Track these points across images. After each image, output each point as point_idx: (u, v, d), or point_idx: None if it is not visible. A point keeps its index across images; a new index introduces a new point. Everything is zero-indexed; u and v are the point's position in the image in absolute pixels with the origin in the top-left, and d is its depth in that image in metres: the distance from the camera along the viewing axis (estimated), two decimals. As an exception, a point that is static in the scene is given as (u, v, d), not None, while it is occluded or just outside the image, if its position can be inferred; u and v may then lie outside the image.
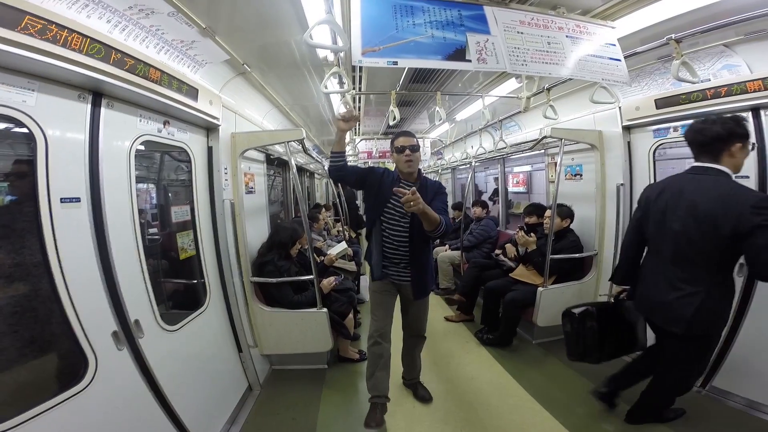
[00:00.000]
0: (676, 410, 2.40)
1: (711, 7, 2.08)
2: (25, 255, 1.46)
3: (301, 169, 6.52)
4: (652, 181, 3.16)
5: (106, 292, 1.69)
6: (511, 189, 7.94)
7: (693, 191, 1.85)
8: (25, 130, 1.41)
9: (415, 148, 2.35)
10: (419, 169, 2.46)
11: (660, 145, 3.12)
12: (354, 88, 3.74)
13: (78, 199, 1.59)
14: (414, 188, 1.84)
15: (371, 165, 7.32)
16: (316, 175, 8.75)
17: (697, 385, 2.65)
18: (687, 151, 2.01)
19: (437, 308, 4.72)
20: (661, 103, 2.88)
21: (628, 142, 3.28)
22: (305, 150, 3.44)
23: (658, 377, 2.23)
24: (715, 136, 1.81)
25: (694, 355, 2.04)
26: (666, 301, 1.93)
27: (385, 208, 2.39)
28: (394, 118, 2.97)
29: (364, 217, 2.60)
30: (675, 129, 2.99)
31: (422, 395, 2.81)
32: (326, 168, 2.51)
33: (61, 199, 1.51)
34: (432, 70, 3.51)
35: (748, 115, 2.43)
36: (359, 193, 7.87)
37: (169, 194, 2.67)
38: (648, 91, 3.05)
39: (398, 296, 2.59)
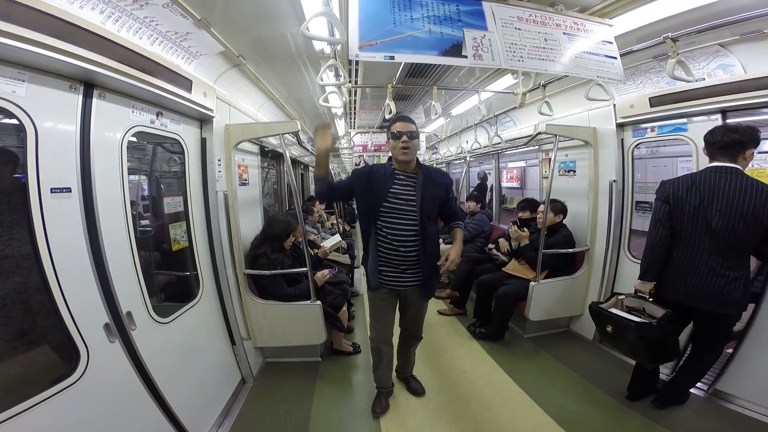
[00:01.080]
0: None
1: (707, 8, 2.10)
2: (14, 246, 1.44)
3: (295, 162, 6.49)
4: (630, 177, 3.31)
5: (97, 284, 1.68)
6: (505, 184, 7.98)
7: (729, 188, 2.09)
8: (15, 120, 1.39)
9: (414, 135, 2.17)
10: (417, 158, 2.28)
11: (639, 143, 3.21)
12: (350, 81, 3.72)
13: (69, 190, 1.57)
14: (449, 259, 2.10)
15: (364, 161, 7.32)
16: (310, 168, 8.72)
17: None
18: (668, 150, 2.11)
19: (430, 302, 4.73)
20: (655, 101, 2.90)
21: (622, 140, 3.31)
22: (300, 142, 3.42)
23: (701, 357, 2.38)
24: (737, 141, 2.07)
25: (731, 330, 2.31)
26: (714, 288, 2.13)
27: (383, 207, 2.19)
28: (390, 112, 2.96)
29: (359, 224, 2.40)
30: (652, 129, 3.11)
31: (415, 388, 2.82)
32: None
33: (51, 189, 1.49)
34: (429, 65, 3.50)
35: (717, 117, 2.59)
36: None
37: (162, 185, 2.65)
38: (643, 89, 3.06)
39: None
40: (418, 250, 2.22)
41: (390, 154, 2.30)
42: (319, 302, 2.97)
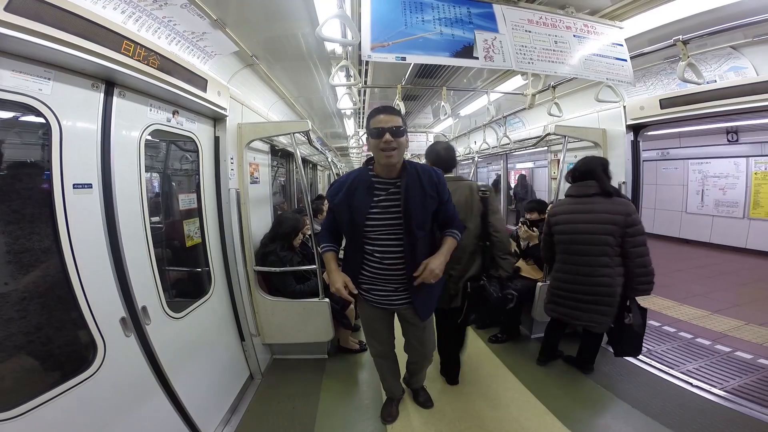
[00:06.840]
0: None
1: (719, 10, 2.10)
2: (36, 240, 1.48)
3: (305, 161, 6.53)
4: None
5: (115, 279, 1.72)
6: (513, 185, 7.98)
7: None
8: (41, 118, 1.43)
9: (400, 131, 1.75)
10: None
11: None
12: (360, 82, 3.75)
13: (90, 186, 1.62)
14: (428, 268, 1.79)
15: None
16: (318, 167, 8.76)
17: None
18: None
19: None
20: (666, 103, 2.89)
21: (632, 141, 3.30)
22: (310, 142, 3.45)
23: None
24: None
25: None
26: None
27: (367, 226, 1.88)
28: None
29: (344, 252, 2.13)
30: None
31: (423, 401, 2.66)
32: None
33: (73, 185, 1.53)
34: (438, 66, 3.51)
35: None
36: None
37: (177, 183, 2.70)
38: (654, 90, 3.06)
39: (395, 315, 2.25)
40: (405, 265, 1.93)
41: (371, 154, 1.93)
42: (327, 299, 2.99)
